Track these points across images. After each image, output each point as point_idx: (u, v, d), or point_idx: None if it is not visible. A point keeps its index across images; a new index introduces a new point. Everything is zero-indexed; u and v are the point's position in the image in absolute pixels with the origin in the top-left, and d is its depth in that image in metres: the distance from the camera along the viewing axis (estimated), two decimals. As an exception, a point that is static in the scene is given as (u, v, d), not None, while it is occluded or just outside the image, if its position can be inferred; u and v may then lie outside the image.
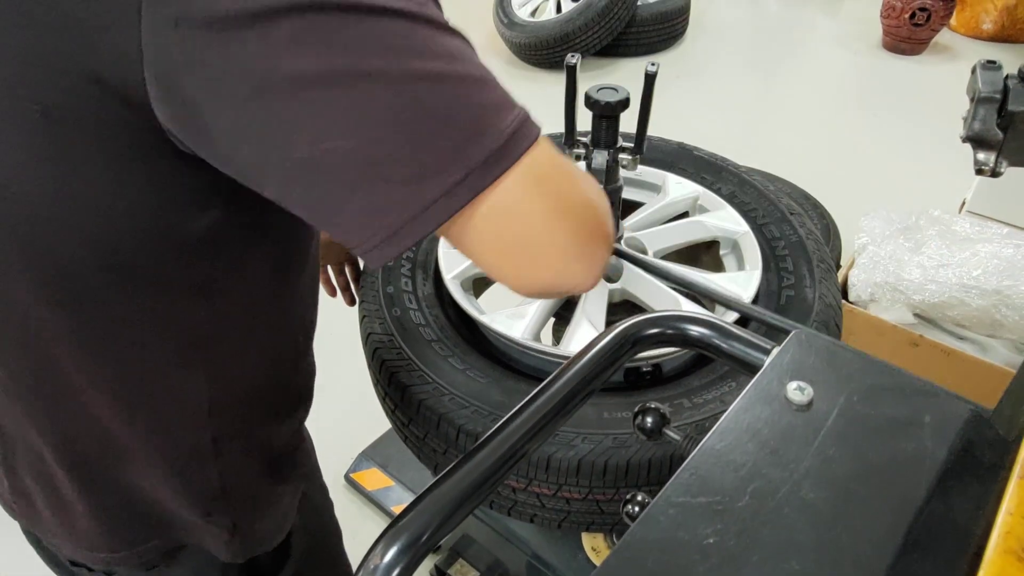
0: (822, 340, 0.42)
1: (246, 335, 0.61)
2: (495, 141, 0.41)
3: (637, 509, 0.44)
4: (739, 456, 0.36)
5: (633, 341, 0.47)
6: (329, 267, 1.22)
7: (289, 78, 0.39)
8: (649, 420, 0.48)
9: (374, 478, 1.78)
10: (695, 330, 0.47)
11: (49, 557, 0.78)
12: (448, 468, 0.40)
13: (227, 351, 0.60)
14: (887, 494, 0.34)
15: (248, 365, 0.63)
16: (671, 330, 0.47)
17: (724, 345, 0.47)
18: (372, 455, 1.80)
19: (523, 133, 0.43)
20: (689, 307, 1.08)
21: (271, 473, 0.70)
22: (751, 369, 0.44)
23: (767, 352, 0.44)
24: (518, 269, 0.46)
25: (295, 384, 0.73)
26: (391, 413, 1.02)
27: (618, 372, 0.63)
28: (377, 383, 1.03)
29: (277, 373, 0.69)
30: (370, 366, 1.04)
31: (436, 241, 1.15)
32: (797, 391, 0.39)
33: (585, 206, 0.46)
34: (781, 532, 0.33)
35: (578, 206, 0.46)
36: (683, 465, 0.36)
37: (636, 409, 0.49)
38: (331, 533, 0.93)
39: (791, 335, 0.42)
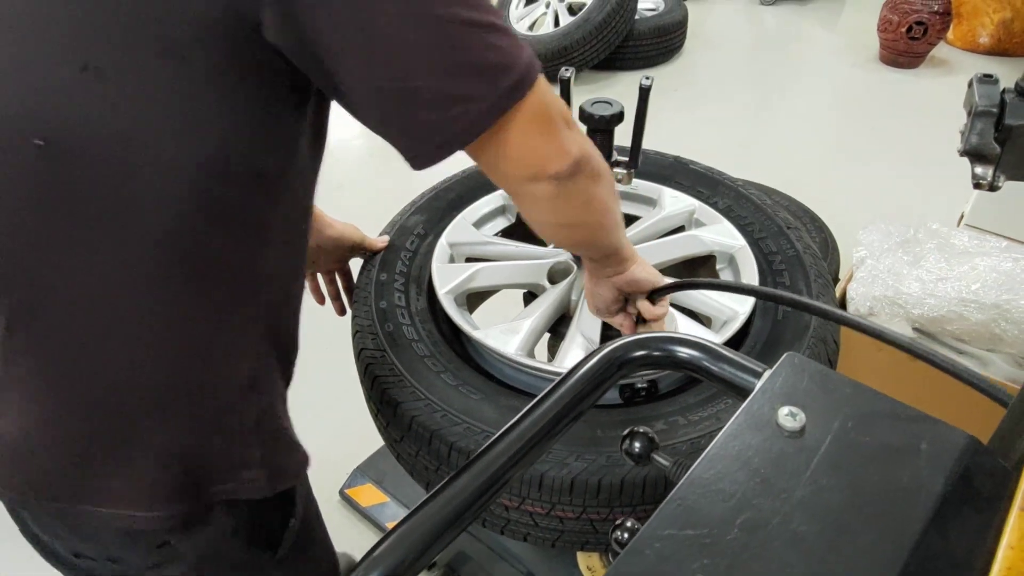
0: (815, 365, 0.41)
1: (276, 276, 0.70)
2: (516, 74, 0.57)
3: (626, 536, 0.42)
4: (728, 485, 0.35)
5: (620, 364, 0.46)
6: (319, 275, 1.20)
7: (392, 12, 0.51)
8: (637, 445, 0.46)
9: (369, 494, 1.76)
10: (684, 352, 0.46)
11: (48, 552, 0.78)
12: (426, 497, 0.39)
13: (266, 292, 0.69)
14: (882, 526, 0.33)
15: (277, 305, 0.72)
16: (658, 352, 0.46)
17: (714, 368, 0.45)
18: (367, 471, 1.78)
19: (532, 66, 0.59)
20: (685, 323, 1.07)
21: (286, 412, 0.77)
22: (742, 393, 0.42)
23: (758, 375, 0.42)
24: (521, 164, 0.63)
25: (296, 329, 0.80)
26: (383, 430, 1.01)
27: (613, 389, 0.62)
28: (369, 399, 1.02)
29: (288, 316, 0.76)
30: (362, 382, 1.03)
31: (429, 256, 1.14)
32: (789, 417, 0.37)
33: (558, 114, 0.64)
34: (771, 567, 0.31)
35: (556, 114, 0.64)
36: (670, 495, 0.35)
37: (624, 433, 0.48)
38: (314, 502, 0.94)
39: (783, 358, 0.41)
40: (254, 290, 0.67)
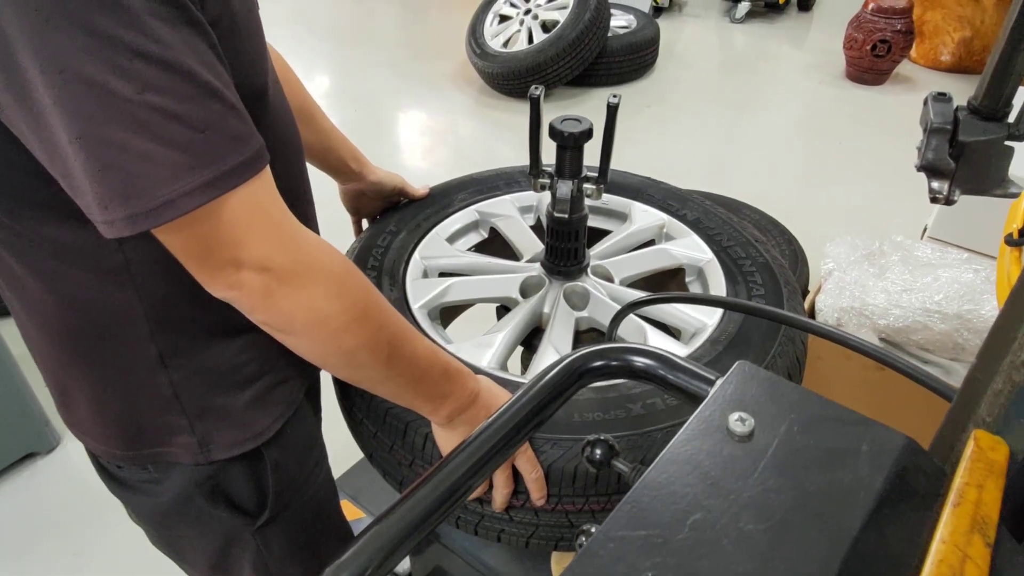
0: (764, 373, 0.43)
1: (162, 269, 0.68)
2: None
3: (586, 540, 0.44)
4: (680, 488, 0.36)
5: (580, 373, 0.48)
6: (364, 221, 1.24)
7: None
8: (598, 452, 0.48)
9: (345, 510, 1.75)
10: (641, 361, 0.48)
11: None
12: (391, 505, 0.40)
13: (148, 278, 0.69)
14: (824, 524, 0.35)
15: (171, 292, 0.71)
16: (616, 362, 0.48)
17: (670, 376, 0.47)
18: (343, 486, 1.77)
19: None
20: (655, 337, 1.09)
21: (220, 385, 0.78)
22: (696, 400, 0.44)
23: (711, 383, 0.44)
24: None
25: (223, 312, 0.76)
26: (357, 426, 1.00)
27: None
28: (342, 395, 1.01)
29: (199, 300, 0.72)
30: (335, 381, 1.02)
31: (402, 251, 1.15)
32: (739, 422, 0.39)
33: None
34: (719, 564, 0.33)
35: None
36: (624, 498, 0.36)
37: (584, 441, 0.50)
38: (317, 484, 0.96)
39: (735, 367, 0.43)
40: (125, 279, 0.69)
